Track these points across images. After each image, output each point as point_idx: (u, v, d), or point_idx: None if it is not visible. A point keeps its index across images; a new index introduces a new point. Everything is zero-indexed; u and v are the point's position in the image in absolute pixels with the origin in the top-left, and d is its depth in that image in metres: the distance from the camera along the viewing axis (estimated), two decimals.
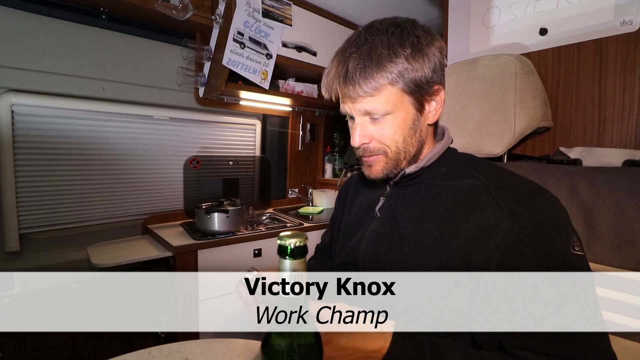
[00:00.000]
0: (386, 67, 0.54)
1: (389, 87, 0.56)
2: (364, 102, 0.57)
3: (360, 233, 0.70)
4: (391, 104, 0.57)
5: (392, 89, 0.56)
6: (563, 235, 0.50)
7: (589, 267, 0.51)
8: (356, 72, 0.55)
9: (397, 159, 0.61)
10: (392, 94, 0.56)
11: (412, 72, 0.55)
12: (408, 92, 0.57)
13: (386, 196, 0.68)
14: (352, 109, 0.59)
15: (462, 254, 0.53)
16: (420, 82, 0.57)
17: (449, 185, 0.60)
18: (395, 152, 0.60)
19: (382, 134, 0.59)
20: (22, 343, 1.39)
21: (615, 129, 0.96)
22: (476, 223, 0.53)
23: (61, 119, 1.43)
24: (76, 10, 1.40)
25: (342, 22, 1.98)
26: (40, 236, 1.45)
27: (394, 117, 0.58)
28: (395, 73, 0.55)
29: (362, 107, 0.58)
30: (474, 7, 1.26)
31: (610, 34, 0.95)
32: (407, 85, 0.56)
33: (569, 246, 0.50)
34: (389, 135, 0.59)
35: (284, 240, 0.36)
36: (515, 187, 0.54)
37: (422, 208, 0.60)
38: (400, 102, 0.57)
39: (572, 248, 0.50)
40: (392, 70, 0.54)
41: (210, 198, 1.83)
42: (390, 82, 0.55)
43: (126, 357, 0.65)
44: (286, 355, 0.37)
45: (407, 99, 0.58)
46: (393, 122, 0.58)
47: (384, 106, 0.57)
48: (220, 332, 1.50)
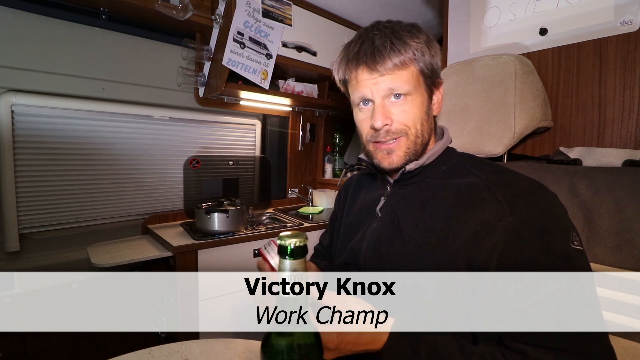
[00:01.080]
0: (410, 45, 0.58)
1: (412, 65, 0.59)
2: (390, 78, 0.58)
3: (361, 233, 0.69)
4: (412, 83, 0.59)
5: (414, 69, 0.59)
6: (562, 230, 0.51)
7: (588, 262, 0.51)
8: (385, 46, 0.57)
9: (416, 142, 0.61)
10: (414, 73, 0.59)
11: (429, 56, 0.60)
12: (425, 75, 0.60)
13: (387, 196, 0.68)
14: (373, 90, 0.59)
15: (464, 250, 0.53)
16: (435, 67, 0.61)
17: (449, 183, 0.61)
18: (415, 135, 0.61)
19: (403, 115, 0.60)
20: (22, 343, 1.39)
21: (615, 129, 0.96)
22: (478, 219, 0.53)
23: (61, 119, 1.43)
24: (76, 10, 1.40)
25: (342, 22, 1.98)
26: (40, 236, 1.45)
27: (413, 99, 0.60)
28: (419, 51, 0.58)
29: (386, 85, 0.58)
30: (474, 7, 1.26)
31: (610, 34, 0.95)
32: (426, 66, 0.60)
33: (568, 241, 0.50)
34: (410, 116, 0.60)
35: (284, 240, 0.36)
36: (515, 184, 0.55)
37: (424, 207, 0.61)
38: (419, 84, 0.60)
39: (572, 243, 0.50)
40: (416, 47, 0.58)
41: (210, 198, 1.83)
42: (415, 58, 0.58)
43: (126, 357, 0.65)
44: (286, 355, 0.37)
45: (423, 83, 0.61)
46: (413, 104, 0.60)
47: (407, 84, 0.58)
48: (220, 332, 1.50)
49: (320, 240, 0.93)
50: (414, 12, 1.94)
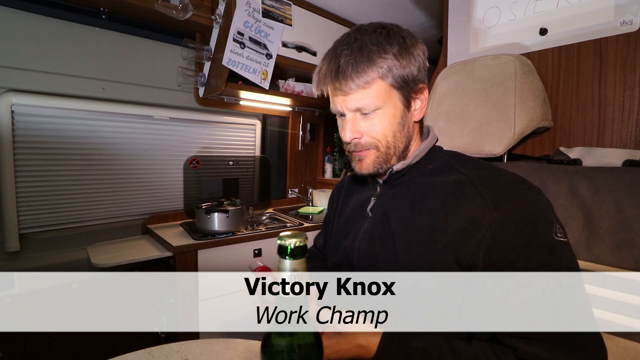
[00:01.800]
0: (376, 62, 0.57)
1: (379, 82, 0.58)
2: (356, 97, 0.59)
3: (353, 234, 0.70)
4: (381, 98, 0.59)
5: (382, 84, 0.58)
6: (545, 222, 0.52)
7: (572, 253, 0.53)
8: (348, 67, 0.57)
9: (387, 153, 0.63)
10: (382, 88, 0.59)
11: (400, 68, 0.58)
12: (396, 88, 0.60)
13: (377, 196, 0.69)
14: (343, 106, 0.61)
15: (451, 247, 0.54)
16: (407, 78, 0.60)
17: (436, 181, 0.62)
18: (385, 147, 0.62)
19: (372, 129, 0.61)
20: (22, 343, 1.39)
21: (615, 129, 0.96)
22: (463, 216, 0.55)
23: (61, 119, 1.43)
24: (76, 10, 1.40)
25: (342, 22, 1.98)
26: (40, 236, 1.45)
27: (383, 113, 0.60)
28: (385, 68, 0.57)
29: (354, 104, 0.59)
30: (474, 7, 1.26)
31: (610, 34, 0.95)
32: (395, 80, 0.59)
33: (552, 233, 0.51)
34: (380, 130, 0.61)
35: (284, 240, 0.36)
36: (498, 180, 0.57)
37: (412, 206, 0.62)
38: (389, 97, 0.60)
39: (555, 234, 0.51)
40: (382, 65, 0.57)
41: (210, 198, 1.83)
42: (380, 76, 0.58)
43: (126, 357, 0.65)
44: (286, 355, 0.37)
45: (396, 95, 0.60)
46: (383, 117, 0.60)
47: (375, 101, 0.59)
48: (220, 332, 1.50)
49: (315, 242, 0.94)
50: (414, 12, 1.94)
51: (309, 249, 0.93)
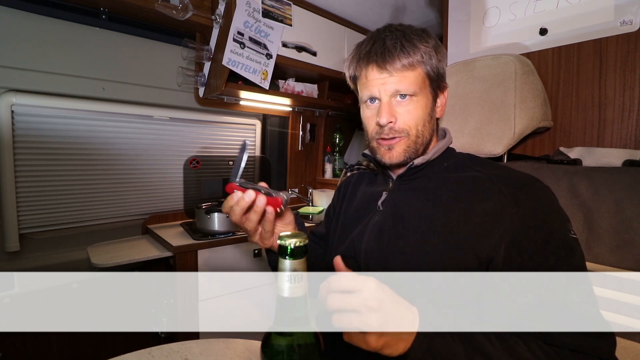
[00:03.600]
0: (419, 47, 0.61)
1: (420, 67, 0.61)
2: (397, 79, 0.61)
3: (361, 227, 0.70)
4: (418, 85, 0.61)
5: (421, 71, 0.61)
6: (561, 219, 0.54)
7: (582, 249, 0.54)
8: (396, 47, 0.60)
9: (416, 142, 0.64)
10: (420, 75, 0.62)
11: (436, 60, 0.62)
12: (430, 79, 0.63)
13: (389, 191, 0.69)
14: (381, 89, 0.62)
15: (470, 241, 0.55)
16: (440, 72, 0.64)
17: (451, 177, 0.63)
18: (415, 135, 0.63)
19: (407, 115, 0.62)
20: (22, 343, 1.39)
21: (615, 129, 0.96)
22: (483, 210, 0.56)
23: (61, 119, 1.43)
24: (76, 10, 1.40)
25: (342, 22, 1.98)
26: (40, 236, 1.45)
27: (418, 100, 0.62)
28: (427, 55, 0.61)
29: (394, 86, 0.61)
30: (474, 7, 1.26)
31: (610, 34, 0.95)
32: (432, 69, 0.62)
33: (567, 230, 0.54)
34: (414, 117, 0.63)
35: (284, 240, 0.36)
36: (514, 177, 0.59)
37: (427, 199, 0.63)
38: (424, 86, 0.63)
39: (569, 232, 0.54)
40: (424, 51, 0.61)
41: (210, 198, 1.83)
42: (422, 61, 0.61)
43: (126, 357, 0.65)
44: (286, 355, 0.37)
45: (429, 86, 0.63)
46: (417, 105, 0.62)
47: (413, 86, 0.61)
48: (220, 332, 1.50)
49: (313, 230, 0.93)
50: (414, 12, 1.94)
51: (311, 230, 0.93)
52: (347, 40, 2.00)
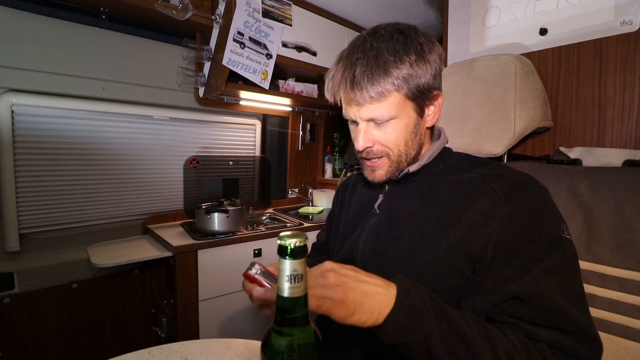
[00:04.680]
0: (392, 73, 0.56)
1: (394, 93, 0.58)
2: (370, 108, 0.59)
3: (358, 231, 0.71)
4: (395, 109, 0.59)
5: (397, 95, 0.58)
6: (554, 219, 0.54)
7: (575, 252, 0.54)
8: (364, 78, 0.56)
9: (399, 161, 0.63)
10: (397, 99, 0.58)
11: (416, 78, 0.58)
12: (411, 98, 0.59)
13: (385, 194, 0.70)
14: (356, 115, 0.61)
15: (462, 241, 0.55)
16: (423, 87, 0.59)
17: (446, 179, 0.63)
18: (397, 155, 0.63)
19: (385, 138, 0.61)
20: (22, 343, 1.39)
21: (615, 129, 0.96)
22: (476, 210, 0.56)
23: (61, 119, 1.43)
24: (76, 10, 1.40)
25: (342, 22, 1.98)
26: (40, 236, 1.45)
27: (397, 122, 0.60)
28: (401, 79, 0.57)
29: (367, 114, 0.59)
30: (474, 7, 1.26)
31: (610, 34, 0.95)
32: (410, 91, 0.58)
33: (559, 229, 0.53)
34: (392, 139, 0.61)
35: (284, 240, 0.36)
36: (509, 177, 0.58)
37: (422, 201, 0.63)
38: (404, 107, 0.60)
39: (562, 232, 0.53)
40: (398, 76, 0.56)
41: (210, 198, 1.83)
42: (396, 88, 0.57)
43: (126, 357, 0.65)
44: (286, 355, 0.37)
45: (410, 105, 0.60)
46: (396, 127, 0.61)
47: (389, 112, 0.59)
48: (220, 332, 1.50)
49: (318, 238, 0.95)
50: (414, 12, 1.94)
51: (313, 244, 0.95)
52: (347, 40, 2.00)
